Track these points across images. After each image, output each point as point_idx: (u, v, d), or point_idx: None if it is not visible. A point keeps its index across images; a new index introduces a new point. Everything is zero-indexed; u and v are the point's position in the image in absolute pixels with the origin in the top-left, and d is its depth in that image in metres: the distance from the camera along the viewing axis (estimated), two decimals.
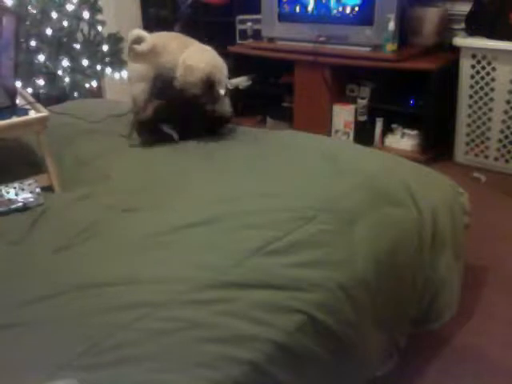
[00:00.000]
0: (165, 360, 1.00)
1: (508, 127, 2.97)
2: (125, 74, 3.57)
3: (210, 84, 1.95)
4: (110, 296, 1.15)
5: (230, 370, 1.01)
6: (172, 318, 1.09)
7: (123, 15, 4.11)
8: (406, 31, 3.23)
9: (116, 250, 1.34)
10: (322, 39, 3.32)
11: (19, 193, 1.59)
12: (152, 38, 2.02)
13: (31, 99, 1.79)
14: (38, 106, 1.73)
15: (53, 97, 3.16)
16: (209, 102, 1.99)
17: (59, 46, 3.22)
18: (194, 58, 2.02)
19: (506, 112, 2.95)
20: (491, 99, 2.98)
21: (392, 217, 1.51)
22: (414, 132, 3.22)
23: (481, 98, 3.02)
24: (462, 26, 3.13)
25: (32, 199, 1.59)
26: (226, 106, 2.07)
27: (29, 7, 3.12)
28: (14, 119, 1.63)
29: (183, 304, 1.12)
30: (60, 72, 3.22)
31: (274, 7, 3.52)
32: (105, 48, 3.44)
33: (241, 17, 3.88)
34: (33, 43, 3.12)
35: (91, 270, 1.26)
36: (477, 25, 2.99)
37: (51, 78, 3.19)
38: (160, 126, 2.02)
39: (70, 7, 3.25)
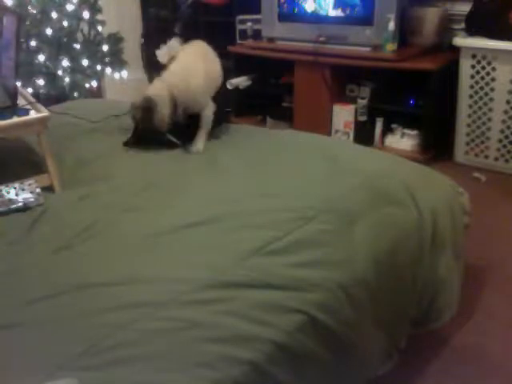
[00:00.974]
0: (165, 360, 1.00)
1: (508, 127, 2.97)
2: (125, 73, 3.58)
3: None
4: (110, 296, 1.16)
5: (230, 370, 1.01)
6: (172, 317, 1.09)
7: (123, 15, 4.11)
8: (405, 31, 3.23)
9: (116, 250, 1.34)
10: (321, 39, 3.32)
11: (19, 193, 1.59)
12: (173, 50, 2.06)
13: (32, 99, 1.78)
14: (39, 106, 1.73)
15: (53, 97, 3.16)
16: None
17: (59, 46, 3.22)
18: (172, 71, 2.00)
19: (506, 112, 2.95)
20: (491, 99, 2.99)
21: (392, 217, 1.52)
22: (414, 132, 3.22)
23: (481, 98, 3.02)
24: (462, 26, 3.13)
25: (32, 199, 1.59)
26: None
27: (29, 7, 3.13)
28: (15, 119, 1.63)
29: (183, 304, 1.12)
30: (60, 72, 3.22)
31: (274, 7, 3.51)
32: (105, 48, 3.45)
33: (241, 17, 3.88)
34: (33, 43, 3.13)
35: (91, 270, 1.27)
36: (477, 25, 2.99)
37: (51, 77, 3.20)
38: (163, 136, 1.99)
39: (70, 7, 3.25)
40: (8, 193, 1.58)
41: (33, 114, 1.67)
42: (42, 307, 1.14)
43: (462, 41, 3.03)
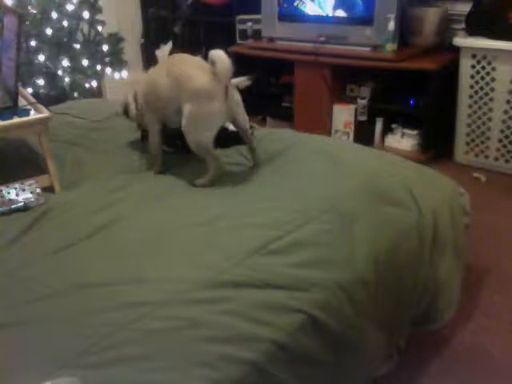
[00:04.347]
0: (165, 359, 1.01)
1: (508, 127, 2.97)
2: (125, 73, 3.58)
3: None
4: (111, 295, 1.16)
5: (230, 370, 1.01)
6: (172, 317, 1.09)
7: (123, 15, 4.11)
8: (405, 31, 3.23)
9: (116, 250, 1.34)
10: (321, 39, 3.32)
11: (20, 193, 1.59)
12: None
13: (32, 99, 1.79)
14: (40, 106, 1.73)
15: (53, 97, 3.16)
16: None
17: (59, 46, 3.22)
18: None
19: (506, 112, 2.95)
20: (491, 99, 2.98)
21: (392, 217, 1.52)
22: (414, 132, 3.22)
23: (481, 98, 3.02)
24: (462, 26, 3.13)
25: (33, 199, 1.59)
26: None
27: (29, 7, 3.12)
28: (16, 120, 1.63)
29: (183, 303, 1.12)
30: (60, 72, 3.22)
31: (274, 7, 3.51)
32: (105, 48, 3.45)
33: (241, 17, 3.87)
34: (33, 43, 3.13)
35: (91, 269, 1.27)
36: (477, 25, 2.99)
37: (51, 77, 3.19)
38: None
39: (70, 7, 3.25)
40: (8, 193, 1.58)
41: (33, 115, 1.67)
42: (42, 306, 1.15)
43: (462, 41, 3.03)
